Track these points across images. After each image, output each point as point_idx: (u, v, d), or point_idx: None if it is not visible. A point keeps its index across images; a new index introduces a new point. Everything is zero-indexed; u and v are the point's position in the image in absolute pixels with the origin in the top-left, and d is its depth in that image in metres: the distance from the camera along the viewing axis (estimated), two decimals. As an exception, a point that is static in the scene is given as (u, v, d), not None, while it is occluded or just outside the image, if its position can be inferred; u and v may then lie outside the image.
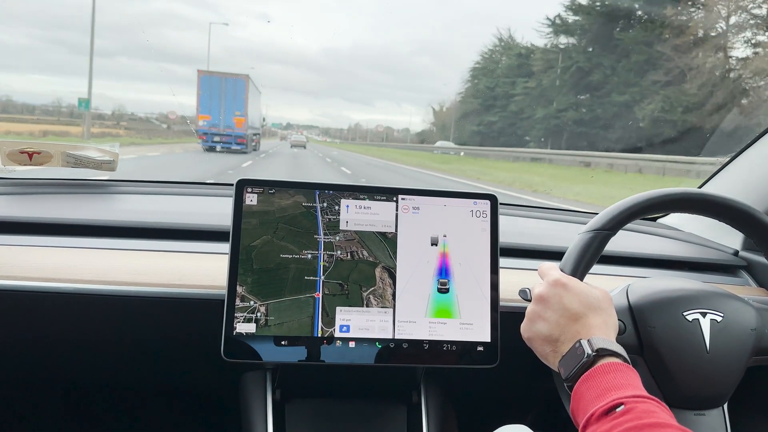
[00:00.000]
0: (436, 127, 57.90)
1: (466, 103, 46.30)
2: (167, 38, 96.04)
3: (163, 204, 1.33)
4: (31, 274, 0.93)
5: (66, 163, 1.28)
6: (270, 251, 0.89)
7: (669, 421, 0.63)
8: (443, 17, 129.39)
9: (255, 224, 0.90)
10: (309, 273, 0.90)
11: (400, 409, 1.07)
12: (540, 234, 1.36)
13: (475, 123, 42.67)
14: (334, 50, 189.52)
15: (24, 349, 1.06)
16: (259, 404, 1.02)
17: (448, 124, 52.60)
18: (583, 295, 0.79)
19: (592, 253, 0.87)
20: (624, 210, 0.89)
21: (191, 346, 1.05)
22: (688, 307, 0.91)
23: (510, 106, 37.48)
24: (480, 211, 0.95)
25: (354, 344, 0.89)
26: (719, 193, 0.91)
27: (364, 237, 0.92)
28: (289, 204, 0.91)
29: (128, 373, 1.18)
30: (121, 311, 0.96)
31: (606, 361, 0.72)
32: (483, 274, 0.94)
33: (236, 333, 0.86)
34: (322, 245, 0.91)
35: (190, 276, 0.97)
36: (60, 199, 1.26)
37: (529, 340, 0.83)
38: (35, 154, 1.26)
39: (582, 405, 0.70)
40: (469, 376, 1.12)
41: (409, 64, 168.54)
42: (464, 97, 47.54)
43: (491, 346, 0.92)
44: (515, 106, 36.81)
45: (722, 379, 0.91)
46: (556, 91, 33.01)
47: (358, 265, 0.91)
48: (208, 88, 18.87)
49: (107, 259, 0.99)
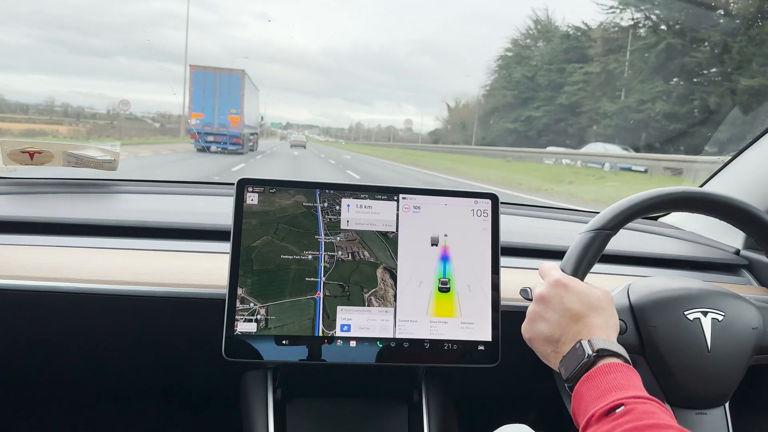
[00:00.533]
0: (451, 125, 51.34)
1: (494, 97, 38.74)
2: (167, 38, 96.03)
3: (163, 203, 1.33)
4: (31, 274, 0.93)
5: (67, 162, 1.28)
6: (270, 252, 0.89)
7: (669, 422, 0.62)
8: (443, 17, 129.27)
9: (255, 224, 0.89)
10: (310, 274, 0.89)
11: (401, 408, 1.07)
12: (541, 233, 1.36)
13: (509, 119, 35.32)
14: (334, 50, 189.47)
15: (24, 348, 1.06)
16: (260, 403, 1.02)
17: (468, 121, 44.65)
18: (584, 296, 0.79)
19: (593, 253, 0.87)
20: (625, 209, 0.88)
21: (192, 346, 1.05)
22: (689, 307, 0.91)
23: (558, 98, 30.61)
24: (481, 211, 0.95)
25: (355, 343, 0.89)
26: (720, 192, 0.91)
27: (365, 237, 0.92)
28: (289, 204, 0.91)
29: (128, 373, 1.18)
30: (122, 310, 0.96)
31: (607, 362, 0.72)
32: (484, 273, 0.94)
33: (237, 332, 0.86)
34: (322, 246, 0.90)
35: (190, 275, 0.97)
36: (60, 199, 1.26)
37: (529, 341, 0.83)
38: (36, 154, 1.26)
39: (582, 405, 0.70)
40: (469, 376, 1.12)
41: (409, 64, 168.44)
42: (491, 90, 40.04)
43: (492, 345, 0.92)
44: (566, 98, 29.65)
45: (723, 379, 0.91)
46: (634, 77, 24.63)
47: (360, 266, 0.91)
48: (201, 84, 17.38)
49: (107, 259, 0.99)
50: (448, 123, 52.69)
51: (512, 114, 35.14)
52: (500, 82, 38.82)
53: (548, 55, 33.98)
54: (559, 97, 30.51)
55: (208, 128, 16.83)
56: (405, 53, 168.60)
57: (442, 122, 53.81)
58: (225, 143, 16.33)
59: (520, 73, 35.53)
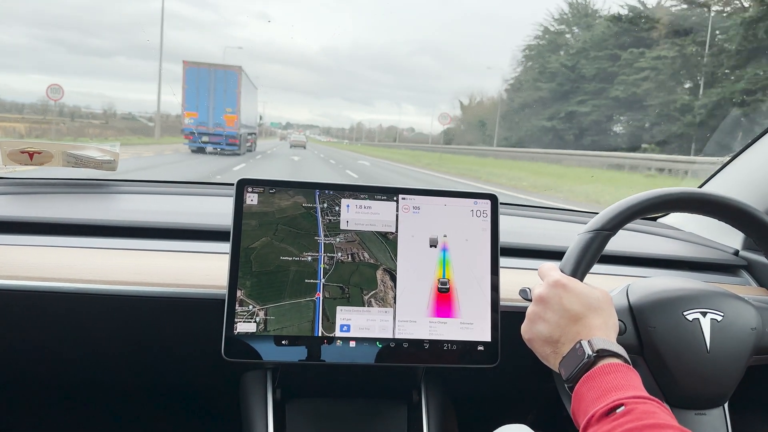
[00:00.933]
0: (466, 124, 44.91)
1: (523, 91, 32.80)
2: (166, 37, 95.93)
3: (163, 204, 1.33)
4: (31, 274, 0.93)
5: (66, 162, 1.28)
6: (269, 253, 0.89)
7: (669, 421, 0.63)
8: (443, 17, 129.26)
9: (254, 226, 0.89)
10: (309, 275, 0.89)
11: (401, 408, 1.07)
12: (540, 234, 1.36)
13: (544, 116, 29.22)
14: (334, 50, 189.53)
15: (24, 348, 1.06)
16: (259, 404, 1.02)
17: (488, 119, 38.07)
18: (583, 296, 0.79)
19: (592, 254, 0.87)
20: (624, 210, 0.88)
21: (191, 346, 1.05)
22: (688, 307, 0.91)
23: (611, 91, 25.03)
24: (480, 211, 0.95)
25: (354, 344, 0.89)
26: (719, 193, 0.91)
27: (364, 238, 0.92)
28: (288, 205, 0.91)
29: (128, 373, 1.18)
30: (121, 311, 0.96)
31: (606, 362, 0.72)
32: (483, 273, 0.94)
33: (237, 333, 0.86)
34: (322, 247, 0.90)
35: (190, 276, 0.97)
36: (60, 199, 1.26)
37: (529, 341, 0.83)
38: (36, 154, 1.26)
39: (582, 406, 0.70)
40: (469, 376, 1.12)
41: (409, 64, 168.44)
42: (518, 84, 33.77)
43: (491, 345, 0.92)
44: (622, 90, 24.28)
45: (723, 379, 0.91)
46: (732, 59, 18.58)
47: (359, 267, 0.91)
48: (195, 82, 16.39)
49: (107, 259, 0.99)
50: (461, 122, 46.59)
51: (548, 110, 29.18)
52: (531, 74, 32.99)
53: (594, 40, 28.09)
54: (611, 89, 24.94)
55: (202, 128, 16.00)
56: (405, 53, 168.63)
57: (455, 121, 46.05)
58: (220, 143, 15.67)
59: (558, 63, 29.94)
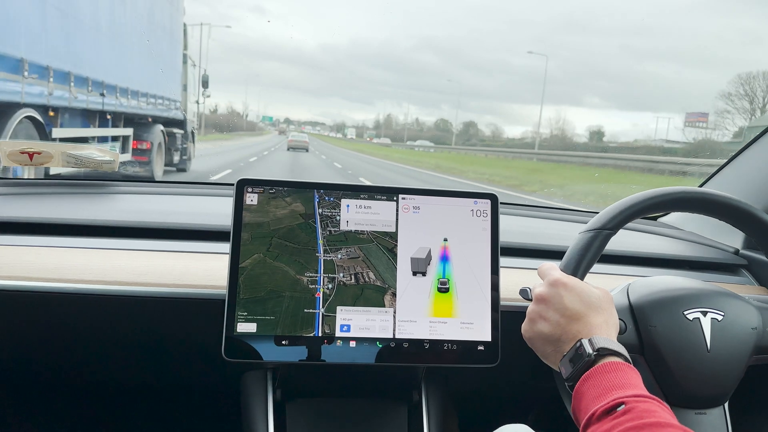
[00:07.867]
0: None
1: None
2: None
3: (163, 204, 1.33)
4: (31, 274, 0.93)
5: (66, 163, 1.29)
6: (261, 275, 0.86)
7: (670, 420, 0.63)
8: (444, 12, 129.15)
9: (246, 240, 0.86)
10: (307, 304, 0.87)
11: (401, 408, 1.07)
12: (540, 233, 1.36)
13: None
14: (332, 46, 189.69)
15: (25, 349, 1.06)
16: (259, 404, 1.02)
17: None
18: (584, 295, 0.79)
19: (593, 253, 0.87)
20: (624, 209, 0.88)
21: (191, 346, 1.05)
22: (688, 306, 0.91)
23: None
24: (480, 211, 0.95)
25: (354, 344, 0.89)
26: (719, 192, 0.91)
27: (370, 254, 0.89)
28: (285, 214, 0.88)
29: (128, 373, 1.18)
30: (122, 311, 0.96)
31: (607, 361, 0.72)
32: (483, 273, 0.94)
33: (237, 333, 0.86)
34: (321, 266, 0.88)
35: (190, 276, 0.97)
36: (60, 199, 1.26)
37: (530, 341, 0.83)
38: (36, 155, 1.26)
39: (583, 404, 0.70)
40: (469, 376, 1.12)
41: (410, 60, 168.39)
42: None
43: (492, 345, 0.92)
44: None
45: (723, 378, 0.91)
46: None
47: (364, 291, 0.88)
48: None
49: (107, 259, 0.99)
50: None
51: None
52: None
53: None
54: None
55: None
56: (405, 49, 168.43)
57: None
58: None
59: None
